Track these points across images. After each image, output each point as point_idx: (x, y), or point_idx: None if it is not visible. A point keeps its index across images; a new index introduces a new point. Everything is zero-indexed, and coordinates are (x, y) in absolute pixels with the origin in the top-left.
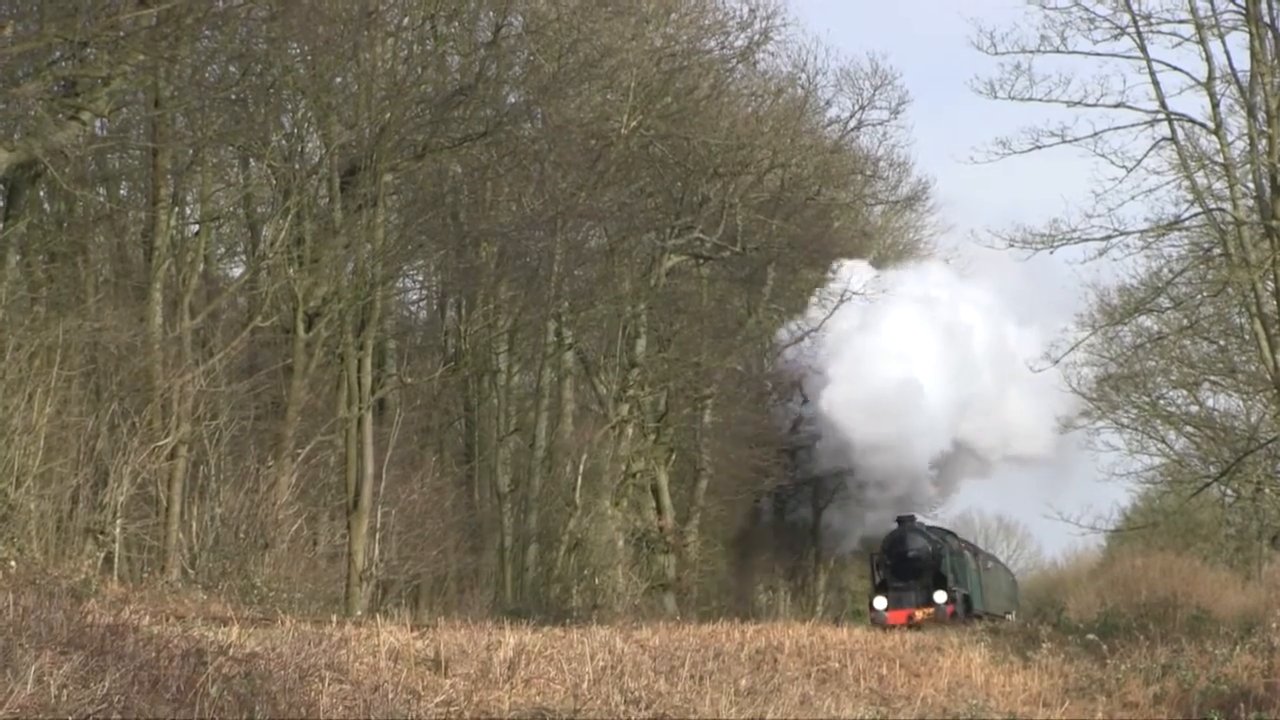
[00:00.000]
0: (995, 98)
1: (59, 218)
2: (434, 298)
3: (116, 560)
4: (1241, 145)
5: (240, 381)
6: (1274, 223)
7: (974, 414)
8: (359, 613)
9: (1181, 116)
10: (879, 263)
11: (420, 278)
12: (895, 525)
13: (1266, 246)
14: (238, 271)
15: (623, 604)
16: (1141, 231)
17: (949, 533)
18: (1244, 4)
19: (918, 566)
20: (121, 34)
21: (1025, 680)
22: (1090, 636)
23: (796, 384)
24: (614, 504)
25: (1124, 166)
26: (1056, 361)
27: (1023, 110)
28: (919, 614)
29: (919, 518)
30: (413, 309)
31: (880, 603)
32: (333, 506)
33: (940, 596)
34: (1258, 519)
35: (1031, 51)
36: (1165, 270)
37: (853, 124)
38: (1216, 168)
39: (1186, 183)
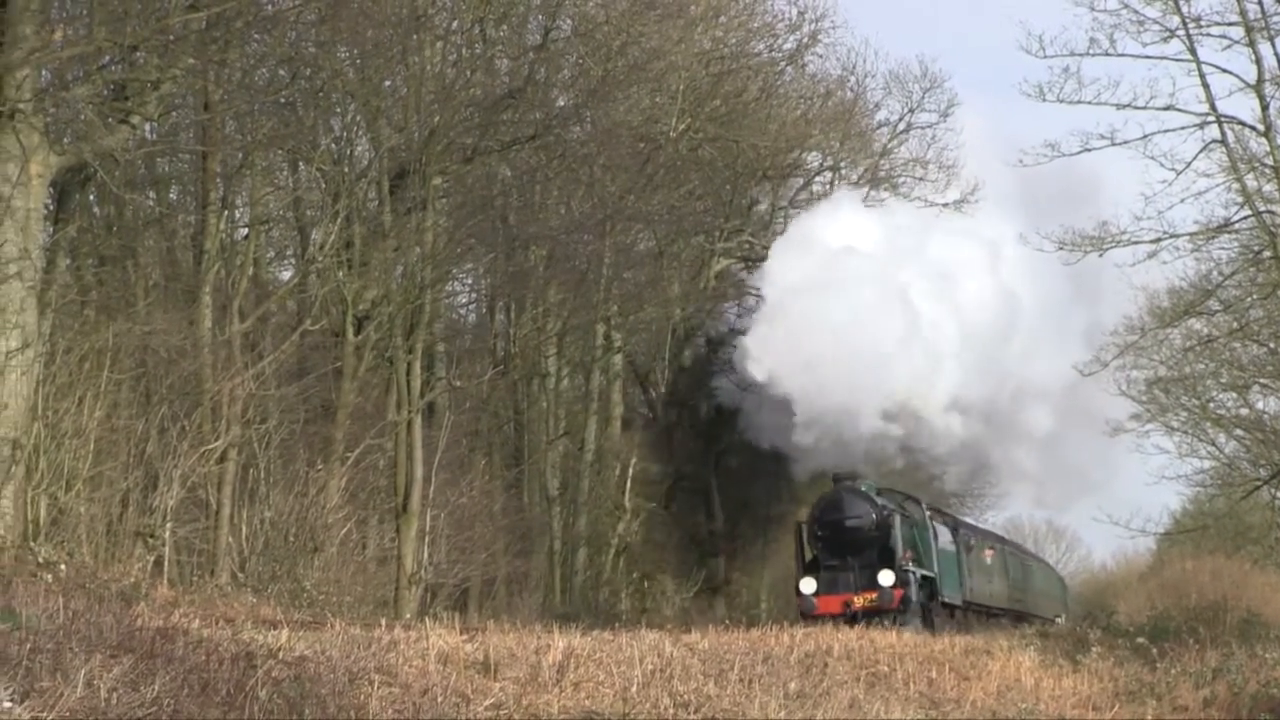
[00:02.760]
0: (1044, 100)
1: (109, 221)
2: (483, 301)
3: (166, 564)
4: None
5: (290, 385)
6: None
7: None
8: (408, 616)
9: (1231, 119)
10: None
11: (469, 281)
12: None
13: None
14: (287, 275)
15: (671, 607)
16: (1191, 234)
17: (909, 498)
18: None
19: (859, 539)
20: (171, 38)
21: (1075, 684)
22: (1140, 640)
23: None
24: (663, 506)
25: (1173, 169)
26: (1106, 365)
27: (1071, 113)
28: (858, 600)
29: (864, 480)
30: (462, 312)
31: (808, 586)
32: (382, 510)
33: (886, 578)
34: None
35: (1080, 54)
36: (1215, 273)
37: (902, 127)
38: (1266, 170)
39: (1236, 185)
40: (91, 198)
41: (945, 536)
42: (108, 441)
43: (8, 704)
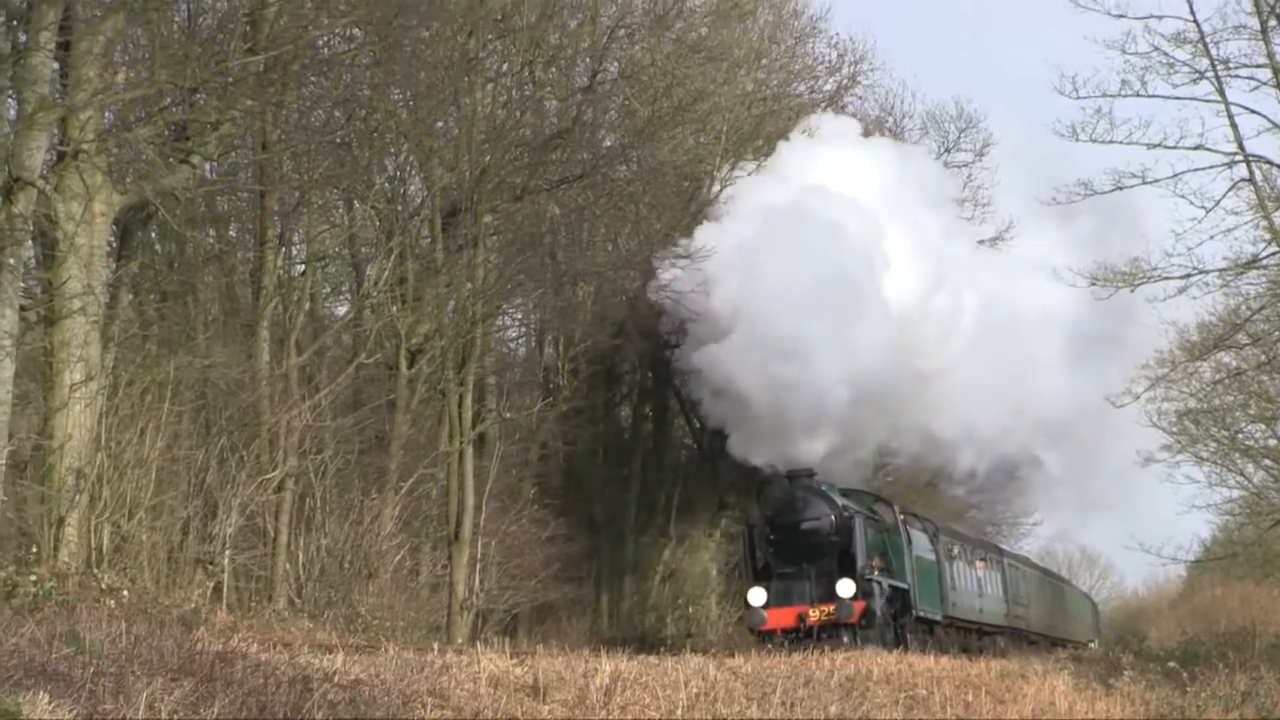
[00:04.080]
0: (1077, 140)
1: (170, 258)
2: (532, 335)
3: (225, 589)
4: None
5: (345, 416)
6: None
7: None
8: (460, 641)
9: (1259, 158)
10: None
11: (519, 315)
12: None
13: None
14: (342, 310)
15: (716, 632)
16: (1220, 270)
17: (880, 499)
18: None
19: (816, 544)
20: (230, 80)
21: (1108, 707)
22: (1171, 664)
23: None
24: (707, 535)
25: (1203, 207)
26: (1138, 397)
27: (1104, 151)
28: (814, 613)
29: (824, 480)
30: (511, 345)
31: (757, 596)
32: (434, 538)
33: (845, 588)
34: None
35: (1112, 96)
36: (1243, 308)
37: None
38: None
39: (1264, 223)
40: (153, 235)
41: (922, 544)
42: (169, 471)
43: None
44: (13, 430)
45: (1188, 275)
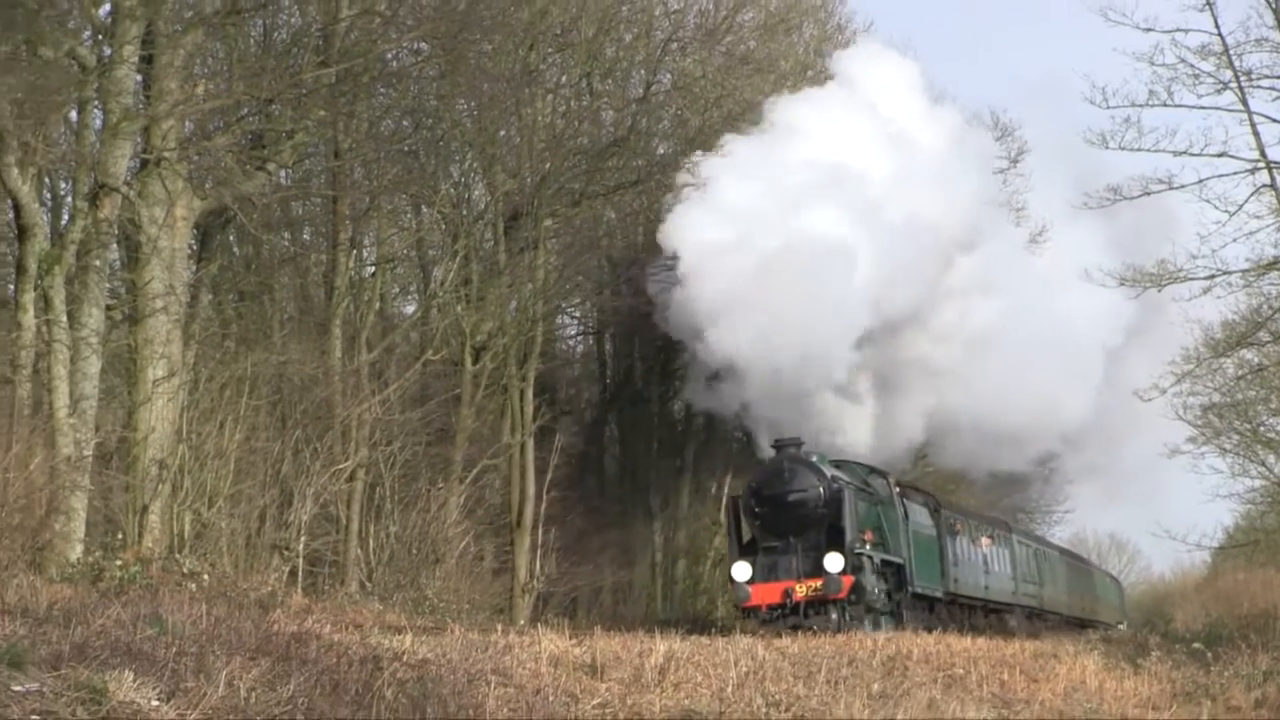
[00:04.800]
0: (1107, 148)
1: (247, 260)
2: (590, 333)
3: (300, 574)
4: None
5: (412, 410)
6: None
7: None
8: (522, 622)
9: None
10: None
11: (577, 314)
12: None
13: None
14: (410, 309)
15: None
16: (1243, 271)
17: (874, 471)
18: None
19: (803, 517)
20: (304, 91)
21: (1136, 685)
22: (1196, 645)
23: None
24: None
25: (1227, 211)
26: (1164, 392)
27: (1132, 158)
28: (800, 589)
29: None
30: (571, 343)
31: (741, 571)
32: (497, 525)
33: (834, 562)
34: None
35: (1141, 105)
36: (1265, 306)
37: None
38: None
39: None
40: (231, 238)
41: (921, 517)
42: (246, 462)
43: (155, 702)
44: (99, 423)
45: (1212, 276)
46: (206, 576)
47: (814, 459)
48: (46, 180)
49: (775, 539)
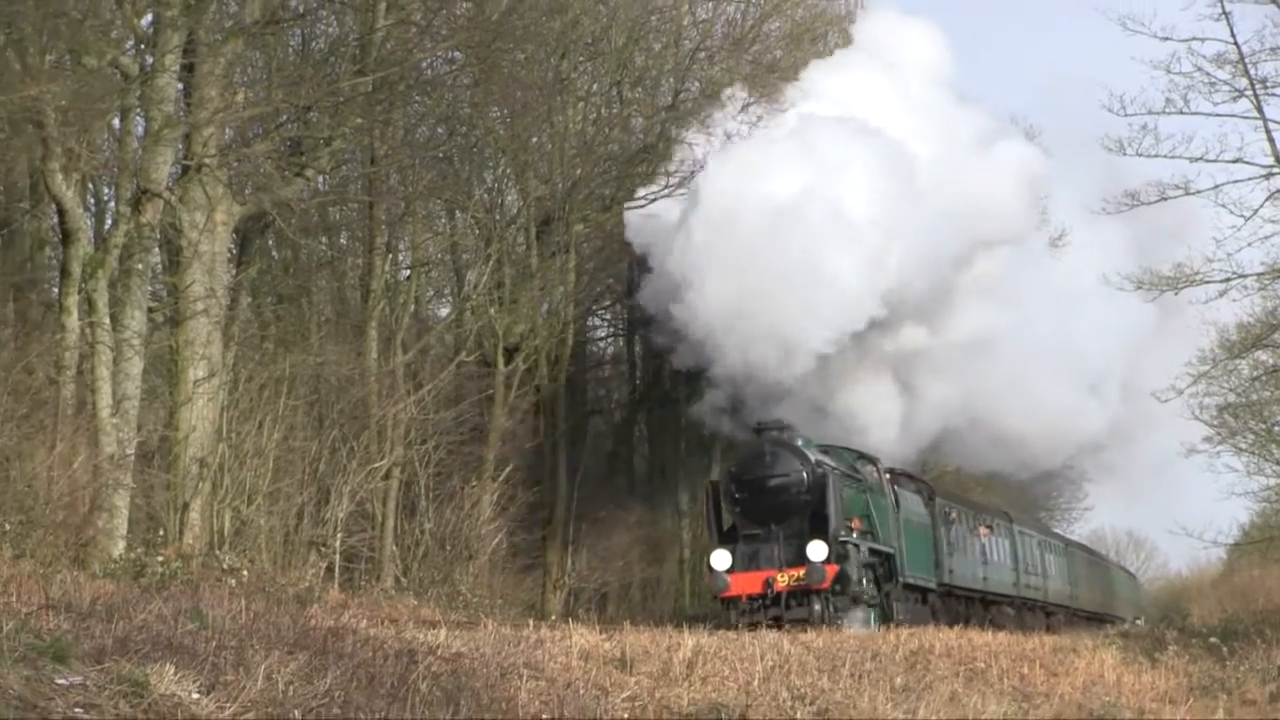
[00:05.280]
0: (1124, 154)
1: (286, 264)
2: (620, 334)
3: (337, 570)
4: None
5: (446, 410)
6: None
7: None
8: (553, 617)
9: None
10: None
11: (607, 317)
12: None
13: None
14: (444, 311)
15: None
16: (1258, 275)
17: (862, 456)
18: None
19: (785, 503)
20: (341, 99)
21: (1153, 679)
22: (1212, 640)
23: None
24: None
25: (1242, 216)
26: (1181, 393)
27: (1149, 164)
28: (781, 578)
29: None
30: (601, 344)
31: (721, 560)
32: (529, 522)
33: (817, 550)
34: None
35: (1157, 113)
36: None
37: None
38: None
39: None
40: (270, 242)
41: (913, 505)
42: (285, 460)
43: (196, 695)
44: (141, 422)
45: (1227, 279)
46: (246, 572)
47: (799, 443)
48: (90, 186)
49: (756, 526)
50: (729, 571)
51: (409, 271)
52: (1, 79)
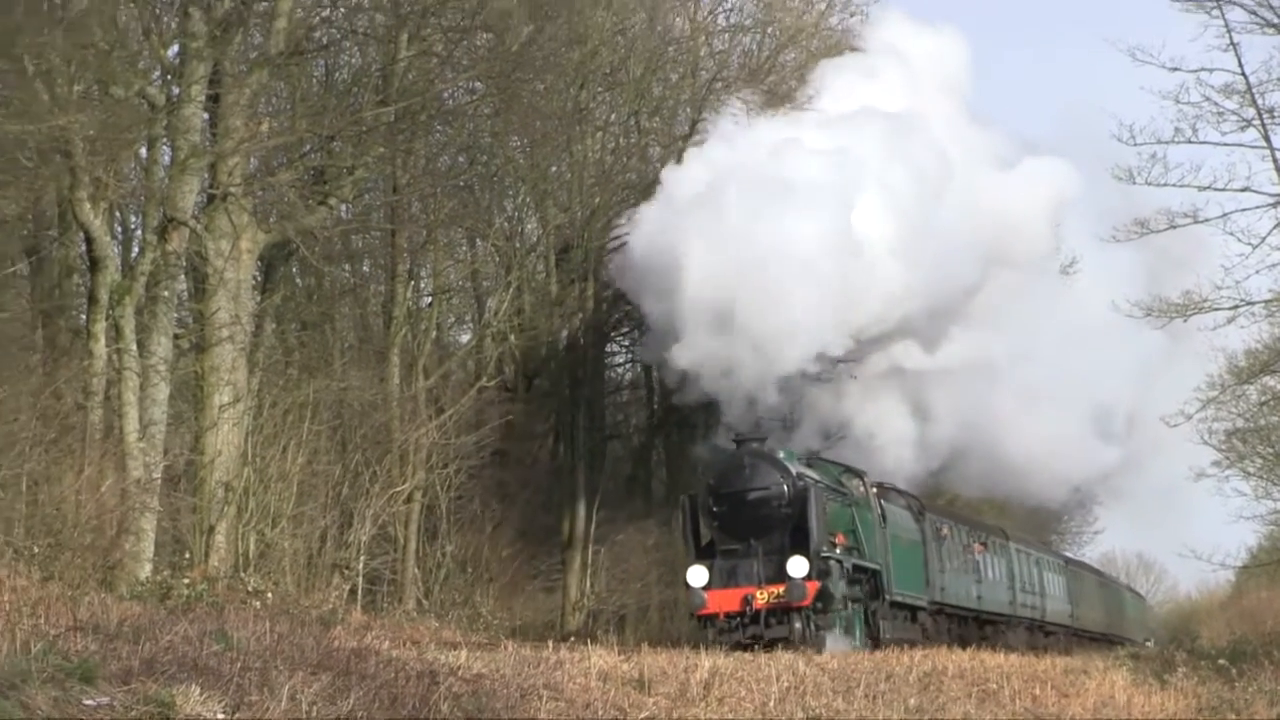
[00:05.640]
0: (1134, 183)
1: (309, 291)
2: (638, 360)
3: (360, 592)
4: None
5: (468, 435)
6: None
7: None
8: (572, 638)
9: None
10: None
11: (626, 342)
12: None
13: None
14: (465, 338)
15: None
16: (1265, 301)
17: (849, 469)
18: None
19: (765, 517)
20: (364, 129)
21: (1163, 700)
22: (1221, 662)
23: None
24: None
25: (1250, 244)
26: (1190, 418)
27: (1158, 193)
28: (760, 595)
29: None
30: (619, 370)
31: (697, 576)
32: (549, 545)
33: (798, 566)
34: None
35: (1166, 142)
36: None
37: None
38: None
39: None
40: (294, 270)
41: (902, 520)
42: (308, 484)
43: (221, 716)
44: (168, 447)
45: (1236, 306)
46: (270, 594)
47: (781, 455)
48: (118, 214)
49: (735, 541)
50: (706, 588)
51: (430, 298)
52: (30, 109)
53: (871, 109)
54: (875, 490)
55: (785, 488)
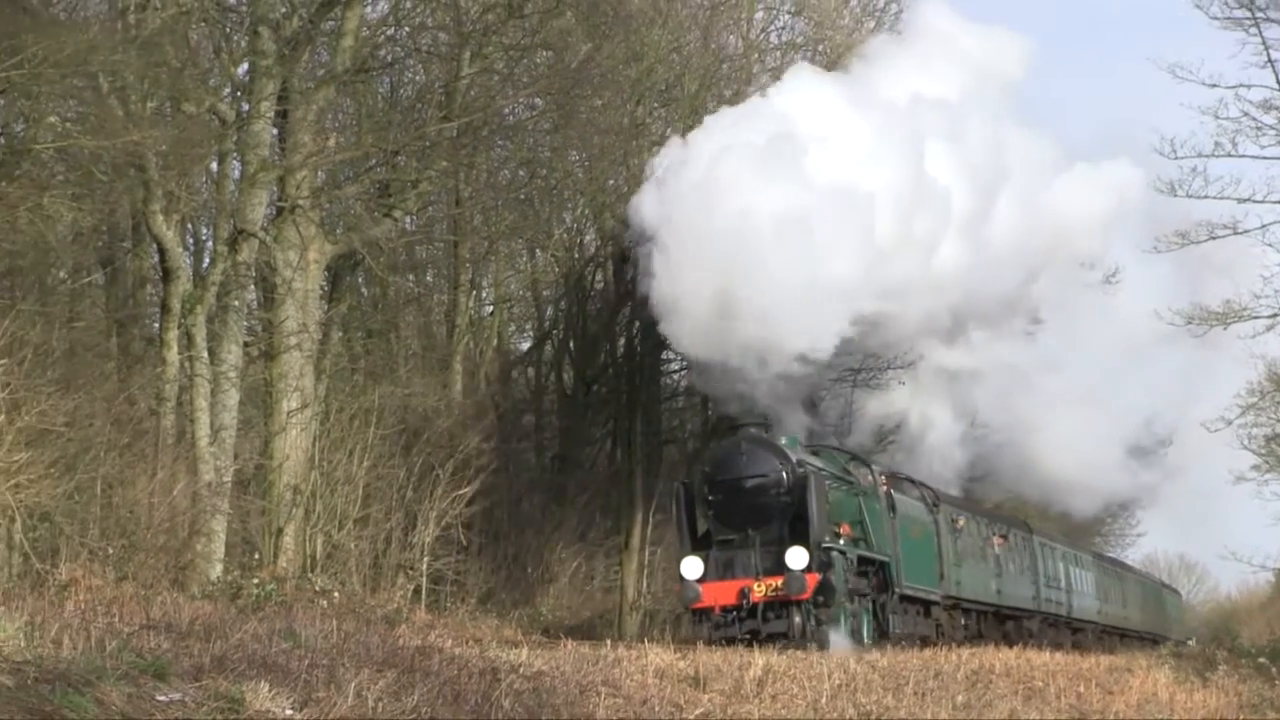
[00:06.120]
0: (1175, 196)
1: (375, 300)
2: (694, 367)
3: (424, 592)
4: None
5: (528, 440)
6: None
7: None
8: (630, 637)
9: None
10: None
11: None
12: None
13: None
14: (526, 345)
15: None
16: None
17: (854, 457)
18: None
19: (762, 505)
20: (428, 144)
21: (1205, 698)
22: (1261, 660)
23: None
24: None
25: None
26: (1230, 423)
27: (1199, 205)
28: (758, 588)
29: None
30: (675, 376)
31: (692, 568)
32: (607, 546)
33: (797, 558)
34: None
35: (1207, 156)
36: None
37: None
38: None
39: None
40: (360, 280)
41: (913, 511)
42: (374, 488)
43: (289, 711)
44: (238, 451)
45: (1274, 315)
46: (337, 594)
47: (783, 441)
48: (189, 226)
49: (731, 531)
50: (701, 580)
51: (492, 307)
52: (106, 125)
53: (923, 95)
54: (884, 479)
55: (784, 475)
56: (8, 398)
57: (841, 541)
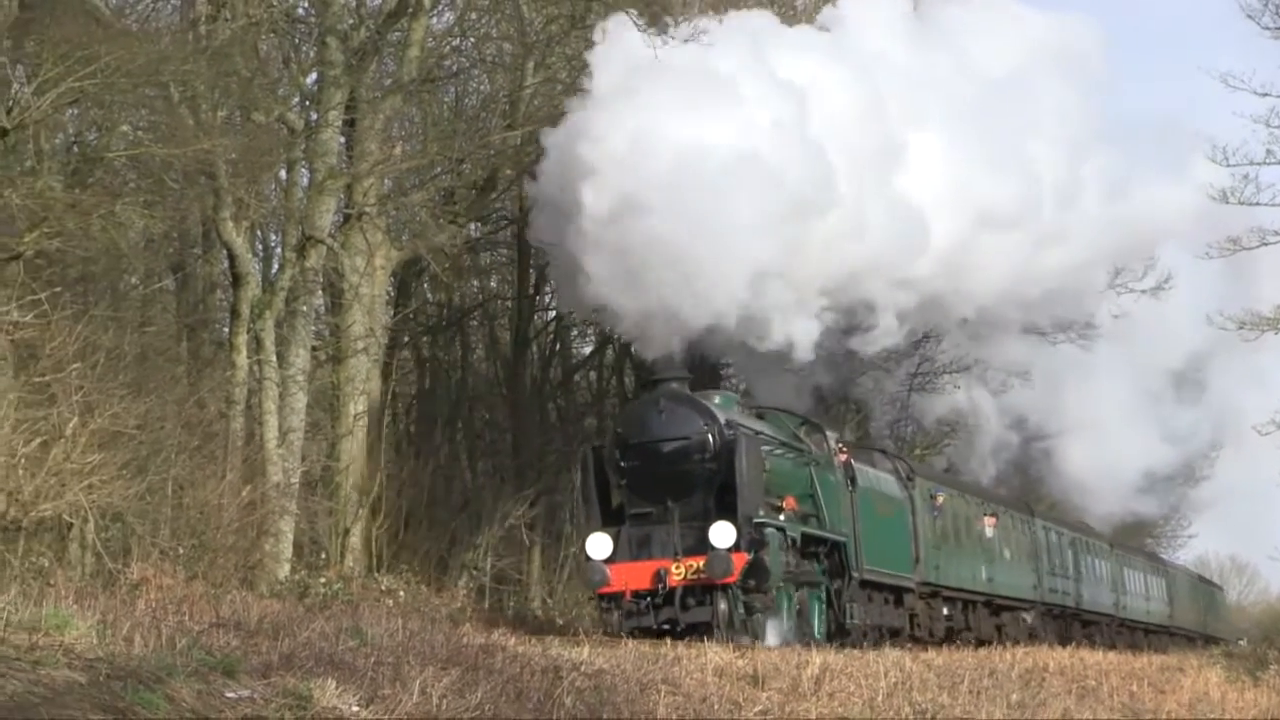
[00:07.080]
0: (1227, 203)
1: (440, 305)
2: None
3: (487, 591)
4: None
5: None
6: None
7: None
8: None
9: None
10: None
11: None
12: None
13: None
14: (588, 350)
15: None
16: None
17: (806, 421)
18: None
19: (683, 473)
20: (492, 152)
21: (1256, 697)
22: None
23: None
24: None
25: None
26: None
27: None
28: (676, 570)
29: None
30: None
31: (599, 546)
32: None
33: (722, 535)
34: None
35: (1258, 164)
36: None
37: None
38: None
39: None
40: (425, 285)
41: (879, 485)
42: (439, 489)
43: (355, 708)
44: (305, 453)
45: None
46: (402, 593)
47: (716, 401)
48: (259, 233)
49: (647, 504)
50: (609, 561)
51: (555, 312)
52: (177, 134)
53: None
54: (842, 448)
55: (710, 437)
56: (81, 401)
57: (782, 517)
